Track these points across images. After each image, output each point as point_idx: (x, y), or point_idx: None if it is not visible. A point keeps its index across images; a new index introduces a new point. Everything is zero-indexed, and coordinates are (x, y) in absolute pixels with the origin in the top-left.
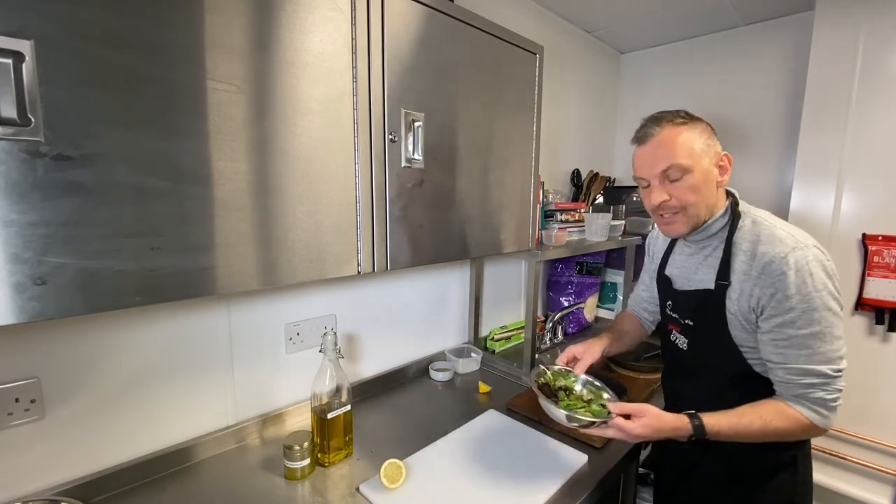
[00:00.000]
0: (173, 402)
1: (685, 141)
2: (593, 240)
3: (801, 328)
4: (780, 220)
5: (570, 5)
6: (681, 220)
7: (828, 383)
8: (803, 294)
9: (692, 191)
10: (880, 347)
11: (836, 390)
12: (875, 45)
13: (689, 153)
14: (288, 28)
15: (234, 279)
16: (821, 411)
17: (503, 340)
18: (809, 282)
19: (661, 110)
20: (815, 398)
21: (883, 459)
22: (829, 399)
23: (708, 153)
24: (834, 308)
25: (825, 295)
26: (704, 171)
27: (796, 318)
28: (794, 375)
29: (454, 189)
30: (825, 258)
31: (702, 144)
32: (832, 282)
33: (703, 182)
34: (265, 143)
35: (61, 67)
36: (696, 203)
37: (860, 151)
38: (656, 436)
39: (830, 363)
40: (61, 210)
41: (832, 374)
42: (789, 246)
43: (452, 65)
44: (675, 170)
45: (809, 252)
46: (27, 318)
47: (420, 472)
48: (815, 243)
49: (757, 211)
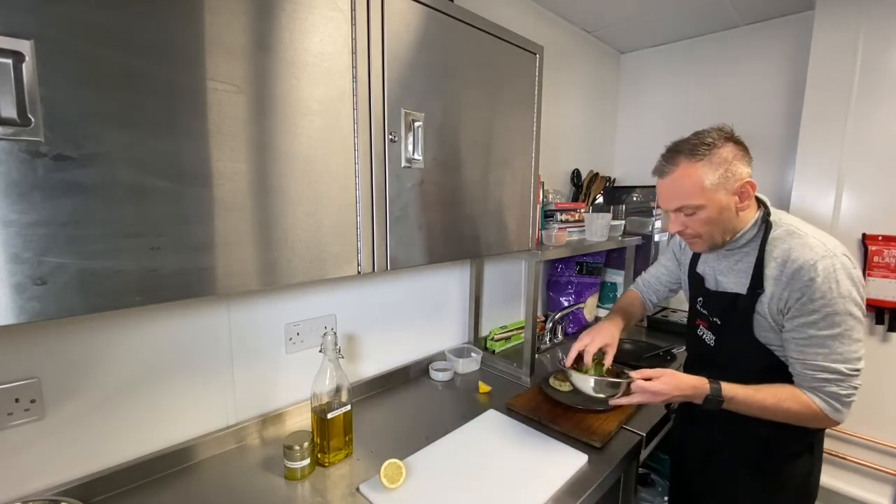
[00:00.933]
0: (173, 402)
1: (697, 180)
2: (593, 240)
3: (822, 329)
4: (812, 227)
5: (570, 5)
6: (699, 242)
7: (842, 380)
8: (827, 299)
9: (706, 223)
10: (880, 347)
11: (850, 387)
12: (875, 44)
13: (701, 192)
14: (288, 28)
15: (234, 279)
16: (833, 404)
17: (503, 340)
18: (835, 288)
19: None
20: (829, 392)
21: (884, 459)
22: (842, 394)
23: (725, 185)
24: (855, 313)
25: (848, 301)
26: (719, 205)
27: (818, 320)
28: (811, 370)
29: (454, 189)
30: (852, 266)
31: (715, 179)
32: (856, 289)
33: (717, 214)
34: (265, 143)
35: (61, 67)
36: (711, 232)
37: (860, 151)
38: (677, 392)
39: (847, 363)
40: (61, 210)
41: (847, 373)
42: (819, 254)
43: (452, 65)
44: (688, 208)
45: (837, 261)
46: (27, 318)
47: (420, 472)
48: (845, 251)
49: (790, 219)
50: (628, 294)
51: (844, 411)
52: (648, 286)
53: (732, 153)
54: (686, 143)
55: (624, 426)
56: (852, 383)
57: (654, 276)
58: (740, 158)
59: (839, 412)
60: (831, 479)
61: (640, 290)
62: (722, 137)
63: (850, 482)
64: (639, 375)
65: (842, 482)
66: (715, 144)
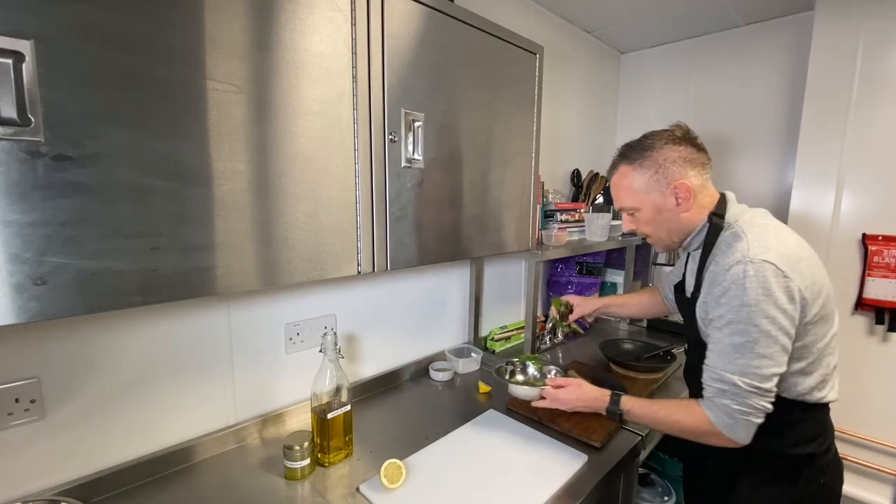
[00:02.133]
0: (173, 402)
1: (629, 183)
2: (593, 240)
3: (725, 336)
4: (765, 229)
5: (570, 5)
6: (652, 241)
7: (738, 394)
8: (732, 305)
9: (646, 224)
10: (880, 347)
11: (747, 405)
12: (875, 45)
13: (633, 193)
14: (288, 28)
15: (234, 279)
16: (725, 419)
17: (503, 340)
18: (739, 295)
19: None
20: (722, 404)
21: (883, 459)
22: (735, 409)
23: (657, 187)
24: (763, 325)
25: (755, 311)
26: (654, 206)
27: (723, 326)
28: (710, 378)
29: (454, 189)
30: (775, 275)
31: (644, 183)
32: (772, 300)
33: (655, 215)
34: (265, 143)
35: (61, 67)
36: (655, 232)
37: (860, 151)
38: (580, 403)
39: (744, 376)
40: (61, 210)
41: (744, 387)
42: (735, 259)
43: (452, 65)
44: (626, 210)
45: (752, 267)
46: (27, 318)
47: (420, 472)
48: (772, 259)
49: (746, 218)
50: (649, 287)
51: (739, 429)
52: (666, 283)
53: (672, 156)
54: (628, 146)
55: (624, 426)
56: (750, 401)
57: (668, 274)
58: (681, 161)
59: (732, 428)
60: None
61: (660, 286)
62: (665, 139)
63: (850, 482)
64: (552, 383)
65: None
66: (652, 147)
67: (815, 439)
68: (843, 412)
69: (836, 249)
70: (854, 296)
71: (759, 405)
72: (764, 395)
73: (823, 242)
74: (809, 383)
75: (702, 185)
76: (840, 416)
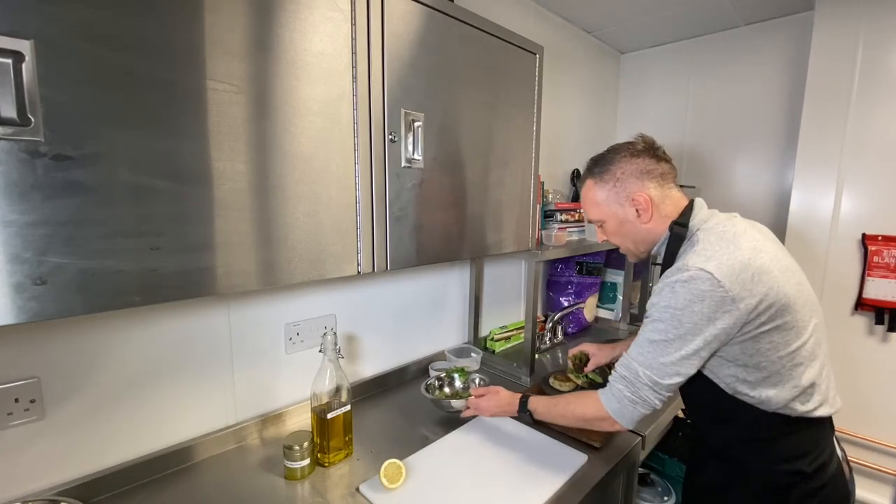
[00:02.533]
0: (173, 402)
1: (592, 197)
2: (593, 240)
3: (646, 332)
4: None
5: (570, 5)
6: (624, 251)
7: (634, 383)
8: (660, 305)
9: (613, 235)
10: (880, 347)
11: (638, 395)
12: (875, 44)
13: (597, 206)
14: (288, 28)
15: (234, 279)
16: (613, 402)
17: (503, 340)
18: (669, 296)
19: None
20: (616, 388)
21: (883, 459)
22: (626, 395)
23: (617, 199)
24: (681, 329)
25: (677, 314)
26: (617, 217)
27: (647, 323)
28: (620, 364)
29: (454, 189)
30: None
31: (605, 197)
32: (697, 307)
33: (619, 227)
34: (265, 143)
35: (61, 67)
36: (623, 243)
37: (860, 151)
38: (497, 409)
39: (647, 368)
40: (61, 210)
41: (642, 378)
42: (677, 267)
43: (452, 65)
44: (594, 222)
45: (685, 274)
46: (27, 318)
47: (420, 472)
48: (710, 268)
49: (714, 223)
50: None
51: (626, 413)
52: None
53: (629, 168)
54: (593, 160)
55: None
56: (642, 392)
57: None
58: (638, 174)
59: (619, 413)
60: None
61: None
62: (623, 152)
63: None
64: (476, 393)
65: None
66: (612, 161)
67: (803, 456)
68: (842, 412)
69: (835, 249)
70: (854, 296)
71: (649, 398)
72: (657, 392)
73: (823, 242)
74: (783, 395)
75: (663, 196)
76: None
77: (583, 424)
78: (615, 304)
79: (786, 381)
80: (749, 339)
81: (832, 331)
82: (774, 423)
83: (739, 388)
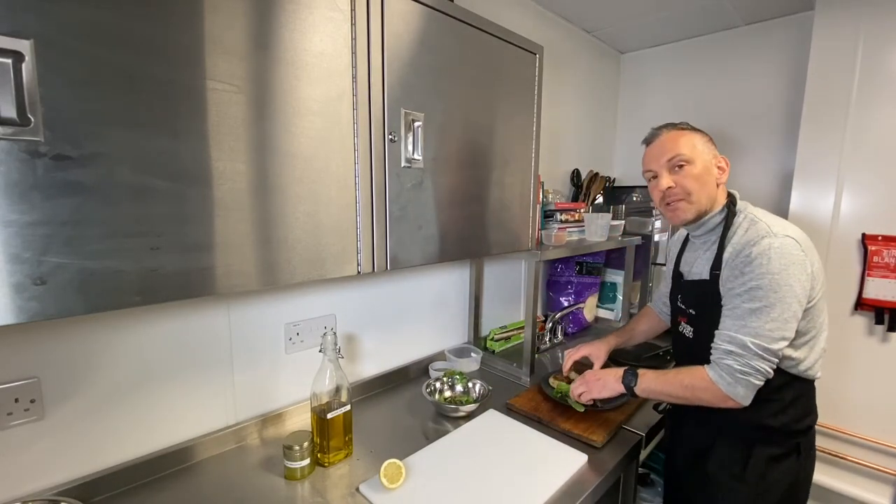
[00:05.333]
0: (173, 402)
1: (688, 140)
2: (593, 240)
3: (745, 302)
4: (776, 217)
5: (570, 5)
6: (684, 206)
7: (743, 355)
8: (756, 273)
9: (694, 179)
10: (880, 347)
11: (749, 365)
12: (875, 45)
13: (692, 148)
14: (288, 28)
15: (234, 279)
16: (725, 377)
17: (503, 340)
18: (765, 263)
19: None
20: (725, 364)
21: (883, 459)
22: (737, 369)
23: (711, 151)
24: (781, 293)
25: (777, 279)
26: (705, 164)
27: (743, 293)
28: (721, 340)
29: (454, 189)
30: (796, 248)
31: (702, 145)
32: (792, 270)
33: (704, 173)
34: (265, 142)
35: (61, 67)
36: (698, 191)
37: (860, 151)
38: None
39: (756, 337)
40: (61, 210)
41: (752, 348)
42: (760, 234)
43: (452, 65)
44: (679, 159)
45: (776, 240)
46: (27, 318)
47: (420, 472)
48: (793, 235)
49: (755, 210)
50: (643, 310)
51: (739, 389)
52: (659, 297)
53: (707, 137)
54: (671, 123)
55: (624, 426)
56: (753, 363)
57: (662, 285)
58: (713, 144)
59: (732, 387)
60: (831, 480)
61: (653, 304)
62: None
63: (849, 482)
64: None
65: (841, 482)
66: (693, 127)
67: (810, 414)
68: (842, 412)
69: (835, 249)
70: (854, 296)
71: (761, 367)
72: (768, 359)
73: (823, 242)
74: (813, 357)
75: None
76: (840, 416)
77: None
78: (615, 304)
79: (819, 343)
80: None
81: (832, 331)
82: (795, 385)
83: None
